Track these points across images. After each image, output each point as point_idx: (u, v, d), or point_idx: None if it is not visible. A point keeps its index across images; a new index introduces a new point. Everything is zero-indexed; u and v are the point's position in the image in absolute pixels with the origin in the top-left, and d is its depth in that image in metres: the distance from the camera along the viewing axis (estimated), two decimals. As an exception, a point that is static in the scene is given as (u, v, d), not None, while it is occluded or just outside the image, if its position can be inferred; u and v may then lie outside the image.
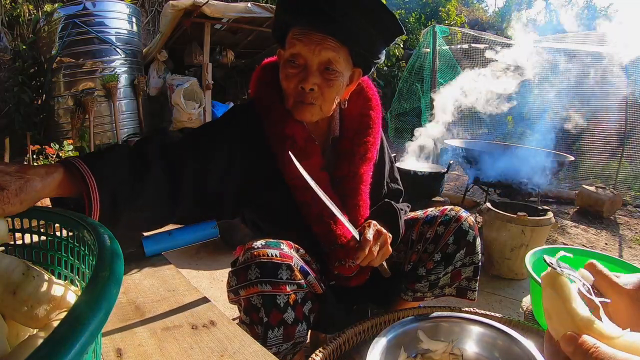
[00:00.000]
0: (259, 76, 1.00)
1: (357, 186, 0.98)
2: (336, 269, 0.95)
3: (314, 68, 0.86)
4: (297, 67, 0.86)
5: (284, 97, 0.92)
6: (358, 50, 0.89)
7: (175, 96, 5.31)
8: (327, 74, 0.87)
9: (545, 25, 9.72)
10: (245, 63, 7.47)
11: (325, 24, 0.82)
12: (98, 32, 4.79)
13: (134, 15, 5.30)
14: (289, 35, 0.87)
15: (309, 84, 0.85)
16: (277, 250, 0.82)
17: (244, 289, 0.81)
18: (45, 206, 0.63)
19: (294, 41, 0.84)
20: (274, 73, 0.96)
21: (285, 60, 0.87)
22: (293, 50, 0.85)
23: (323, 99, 0.89)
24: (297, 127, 0.93)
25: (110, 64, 4.93)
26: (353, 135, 1.01)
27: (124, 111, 5.12)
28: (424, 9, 9.21)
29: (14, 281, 0.41)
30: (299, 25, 0.85)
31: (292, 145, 0.90)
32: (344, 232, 0.93)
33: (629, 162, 4.00)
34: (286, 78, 0.87)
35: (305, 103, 0.88)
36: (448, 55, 5.01)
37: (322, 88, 0.87)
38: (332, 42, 0.84)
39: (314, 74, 0.86)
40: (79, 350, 0.24)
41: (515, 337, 0.77)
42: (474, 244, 1.04)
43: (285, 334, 0.81)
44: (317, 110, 0.90)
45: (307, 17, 0.83)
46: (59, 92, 4.88)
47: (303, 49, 0.84)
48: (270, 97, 0.95)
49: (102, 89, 4.85)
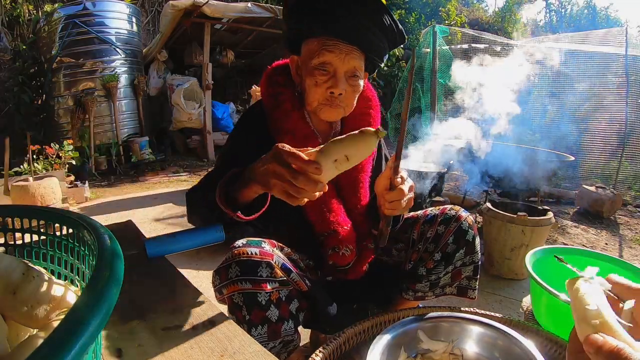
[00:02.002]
0: (270, 75, 1.05)
1: (358, 175, 1.04)
2: (330, 258, 0.98)
3: (341, 75, 0.93)
4: (327, 75, 0.93)
5: (305, 98, 0.99)
6: (373, 58, 0.98)
7: (175, 96, 5.31)
8: (351, 80, 0.95)
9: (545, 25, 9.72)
10: (245, 63, 7.47)
11: (352, 36, 0.91)
12: (98, 32, 4.79)
13: (134, 15, 5.29)
14: (315, 43, 0.93)
15: (338, 89, 0.93)
16: (258, 248, 0.85)
17: (226, 288, 0.83)
18: (45, 206, 0.63)
19: (324, 51, 0.91)
20: (284, 74, 1.03)
21: (313, 67, 0.93)
22: (324, 59, 0.92)
23: (347, 102, 0.97)
24: (299, 123, 0.98)
25: (110, 64, 4.93)
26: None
27: (124, 111, 5.12)
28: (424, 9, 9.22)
29: (14, 281, 0.41)
30: (327, 35, 0.92)
31: (292, 139, 0.95)
32: (338, 219, 0.98)
33: (629, 162, 4.00)
34: (316, 84, 0.94)
35: (333, 106, 0.95)
36: (448, 55, 5.01)
37: (348, 93, 0.95)
38: (357, 52, 0.93)
39: (342, 81, 0.93)
40: (79, 350, 0.24)
41: (515, 337, 0.77)
42: (474, 243, 1.07)
43: (270, 331, 0.83)
44: (341, 112, 0.98)
45: (337, 29, 0.91)
46: (59, 92, 4.88)
47: (333, 58, 0.91)
48: (282, 96, 1.01)
49: (102, 89, 4.84)
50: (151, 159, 5.00)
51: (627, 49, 3.89)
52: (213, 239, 0.84)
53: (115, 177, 4.66)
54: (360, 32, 0.91)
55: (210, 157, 5.49)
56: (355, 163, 0.68)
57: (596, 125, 4.07)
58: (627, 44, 3.90)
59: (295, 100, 1.00)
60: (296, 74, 1.01)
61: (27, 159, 3.16)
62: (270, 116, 1.00)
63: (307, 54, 0.95)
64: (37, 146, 3.47)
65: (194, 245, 0.82)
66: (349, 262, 1.01)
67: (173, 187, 4.21)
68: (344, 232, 0.98)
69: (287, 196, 0.70)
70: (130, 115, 5.22)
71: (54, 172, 3.42)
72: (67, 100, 4.84)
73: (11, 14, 5.83)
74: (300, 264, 0.98)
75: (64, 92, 4.85)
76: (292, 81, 1.02)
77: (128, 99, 5.17)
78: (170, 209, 3.36)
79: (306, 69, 0.95)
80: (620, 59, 4.00)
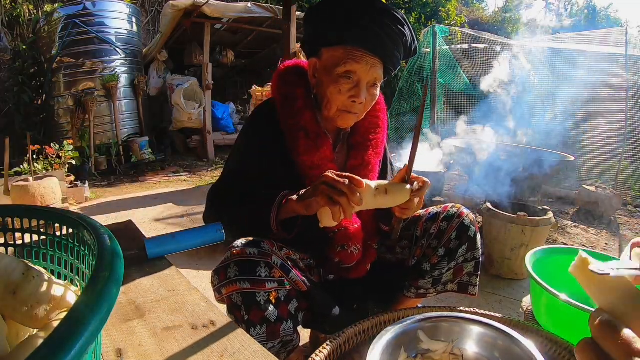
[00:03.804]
0: (282, 74, 1.07)
1: (368, 174, 1.06)
2: (338, 255, 0.99)
3: (364, 85, 0.96)
4: (350, 83, 0.95)
5: (321, 102, 1.01)
6: (389, 68, 1.00)
7: (175, 96, 5.31)
8: (372, 89, 0.98)
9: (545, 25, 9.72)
10: (245, 63, 7.48)
11: (378, 48, 0.94)
12: (98, 32, 4.79)
13: (134, 15, 5.29)
14: (341, 51, 0.94)
15: (361, 98, 0.95)
16: (256, 248, 0.85)
17: (225, 287, 0.83)
18: (45, 206, 0.63)
19: (350, 61, 0.93)
20: (295, 74, 1.06)
21: (338, 75, 0.95)
22: (350, 68, 0.94)
23: (364, 109, 1.01)
24: (311, 122, 1.00)
25: (110, 64, 4.92)
26: (364, 132, 1.10)
27: (124, 111, 5.12)
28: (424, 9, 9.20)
29: (14, 281, 0.41)
30: (355, 45, 0.93)
31: (305, 136, 0.98)
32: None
33: (629, 162, 3.99)
34: (339, 92, 0.95)
35: (352, 113, 0.98)
36: (448, 55, 5.01)
37: (367, 101, 0.98)
38: (379, 63, 0.96)
39: (364, 90, 0.96)
40: (79, 350, 0.24)
41: (515, 337, 0.77)
42: (475, 239, 1.09)
43: (269, 331, 0.83)
44: (355, 118, 1.02)
45: (366, 41, 0.93)
46: (59, 92, 4.87)
47: (359, 69, 0.94)
48: (294, 94, 1.02)
49: (102, 89, 4.84)
50: (151, 159, 5.00)
51: (627, 49, 3.89)
52: (213, 238, 0.84)
53: (115, 177, 4.66)
54: (387, 45, 0.94)
55: (210, 157, 5.49)
56: (383, 206, 0.86)
57: (596, 125, 4.06)
58: (627, 44, 3.90)
59: (307, 99, 1.02)
60: (313, 76, 1.02)
61: (27, 159, 3.16)
62: (282, 113, 1.02)
63: (332, 60, 0.96)
64: (37, 146, 3.46)
65: (193, 245, 0.82)
66: (355, 261, 1.02)
67: (173, 187, 4.21)
68: (354, 229, 1.00)
69: (328, 215, 0.78)
70: (130, 115, 5.22)
71: (54, 172, 3.42)
72: (67, 100, 4.84)
73: (11, 14, 5.83)
74: (300, 264, 0.99)
75: (64, 92, 4.85)
76: (303, 81, 1.04)
77: (128, 99, 5.16)
78: (170, 209, 3.36)
79: (329, 75, 0.96)
80: (620, 59, 4.00)
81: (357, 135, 1.10)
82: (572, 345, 0.89)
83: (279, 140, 1.01)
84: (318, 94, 1.02)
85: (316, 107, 1.03)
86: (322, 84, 0.99)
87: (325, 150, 1.01)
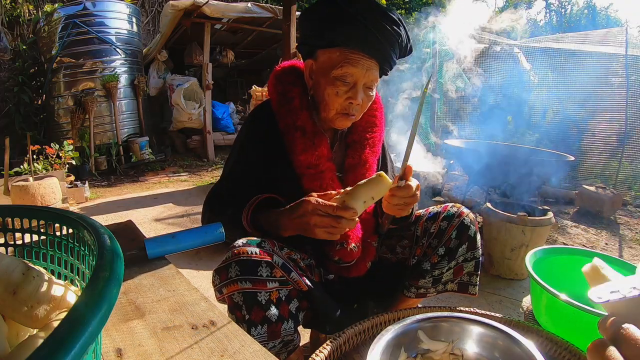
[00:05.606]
0: (278, 75, 1.07)
1: (366, 173, 1.06)
2: (337, 254, 0.99)
3: (361, 87, 0.97)
4: (347, 85, 0.96)
5: (319, 104, 1.02)
6: (384, 68, 1.02)
7: (175, 96, 5.31)
8: (368, 91, 0.99)
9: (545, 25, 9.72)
10: (245, 63, 7.47)
11: (375, 51, 0.95)
12: (98, 32, 4.78)
13: (134, 15, 5.29)
14: (337, 54, 0.95)
15: (358, 100, 0.97)
16: (257, 248, 0.85)
17: (226, 287, 0.83)
18: (45, 206, 0.63)
19: (347, 64, 0.94)
20: (292, 74, 1.07)
21: (335, 77, 0.96)
22: (346, 71, 0.94)
23: (361, 110, 1.02)
24: (308, 121, 1.00)
25: (110, 64, 4.92)
26: (361, 130, 1.10)
27: (124, 111, 5.11)
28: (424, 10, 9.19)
29: (14, 281, 0.41)
30: (350, 48, 0.94)
31: (302, 135, 0.99)
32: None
33: (629, 162, 3.99)
34: (336, 94, 0.97)
35: (349, 115, 0.99)
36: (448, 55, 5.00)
37: (364, 102, 0.99)
38: (375, 65, 0.97)
39: (361, 92, 0.97)
40: (79, 350, 0.24)
41: (515, 337, 0.77)
42: (475, 238, 1.09)
43: (270, 331, 0.83)
44: (353, 119, 1.02)
45: (362, 44, 0.94)
46: (59, 92, 4.87)
47: (356, 72, 0.95)
48: (290, 93, 1.03)
49: (102, 89, 4.84)
50: (151, 159, 5.00)
51: (627, 49, 3.89)
52: (213, 238, 0.83)
53: (115, 177, 4.66)
54: (384, 47, 0.95)
55: (210, 157, 5.49)
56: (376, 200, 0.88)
57: (596, 125, 4.07)
58: (627, 44, 3.90)
59: (304, 99, 1.03)
60: (309, 78, 1.03)
61: (27, 159, 3.16)
62: (279, 113, 1.02)
63: (328, 63, 0.97)
64: (37, 146, 3.46)
65: (194, 245, 0.82)
66: (354, 259, 1.02)
67: (173, 187, 4.21)
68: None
69: (329, 235, 0.86)
70: (130, 115, 5.22)
71: (54, 172, 3.42)
72: (67, 100, 4.84)
73: (11, 14, 5.83)
74: (300, 264, 0.99)
75: (64, 92, 4.84)
76: (300, 81, 1.05)
77: (128, 99, 5.16)
78: (170, 209, 3.36)
79: (325, 77, 0.97)
80: (620, 59, 4.00)
81: (354, 134, 1.10)
82: (572, 345, 0.89)
83: (276, 140, 1.02)
84: (315, 96, 1.02)
85: (313, 107, 1.04)
86: (319, 85, 0.99)
87: (323, 149, 1.01)
